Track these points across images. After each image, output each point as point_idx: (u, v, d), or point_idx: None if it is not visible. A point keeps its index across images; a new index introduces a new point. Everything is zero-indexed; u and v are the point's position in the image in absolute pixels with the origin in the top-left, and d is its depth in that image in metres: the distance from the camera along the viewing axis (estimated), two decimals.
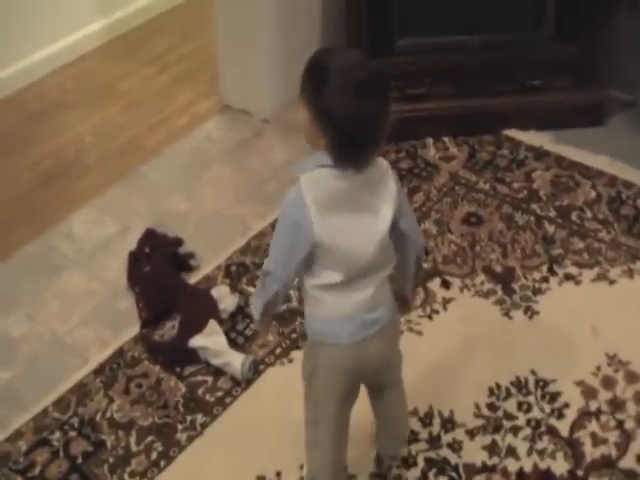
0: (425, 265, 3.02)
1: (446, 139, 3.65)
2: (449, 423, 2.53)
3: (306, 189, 1.76)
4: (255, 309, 1.98)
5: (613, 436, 2.49)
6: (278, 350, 2.75)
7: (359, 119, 1.70)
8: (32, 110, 3.93)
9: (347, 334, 1.93)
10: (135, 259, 3.04)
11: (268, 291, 1.91)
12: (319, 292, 1.90)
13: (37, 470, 2.46)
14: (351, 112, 1.69)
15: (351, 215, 1.82)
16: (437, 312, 2.87)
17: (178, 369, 2.70)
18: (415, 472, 2.42)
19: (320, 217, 1.77)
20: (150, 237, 3.12)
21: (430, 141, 3.64)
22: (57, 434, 2.55)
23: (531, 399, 2.59)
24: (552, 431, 2.51)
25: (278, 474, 2.41)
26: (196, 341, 2.70)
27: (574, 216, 3.24)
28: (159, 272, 2.97)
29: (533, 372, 2.67)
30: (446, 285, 2.96)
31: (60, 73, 4.19)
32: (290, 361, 2.71)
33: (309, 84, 1.75)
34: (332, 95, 1.69)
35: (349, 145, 1.73)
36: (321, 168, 1.78)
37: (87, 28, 4.35)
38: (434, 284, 2.96)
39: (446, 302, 2.90)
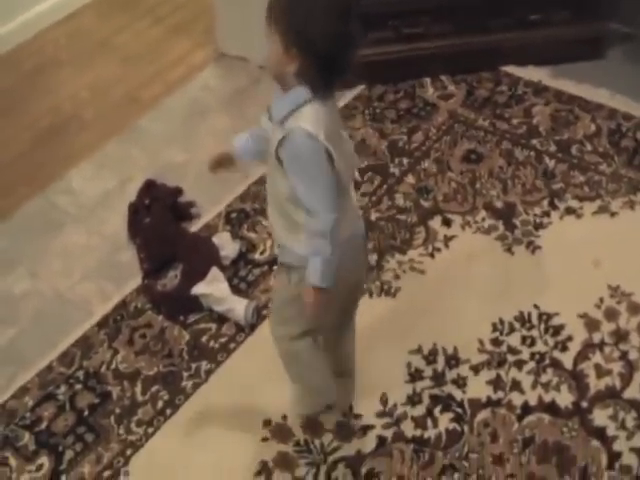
0: (426, 204, 3.01)
1: (444, 78, 3.62)
2: (453, 360, 2.54)
3: (315, 131, 1.74)
4: (330, 275, 1.87)
5: (617, 367, 2.50)
6: None
7: (345, 44, 1.72)
8: (27, 69, 3.90)
9: (360, 243, 2.05)
10: (135, 211, 3.03)
11: (337, 241, 1.84)
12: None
13: (44, 425, 2.49)
14: (327, 34, 1.69)
15: (340, 138, 1.88)
16: (439, 250, 2.86)
17: (181, 318, 2.71)
18: (420, 409, 2.43)
19: (333, 147, 1.78)
20: (150, 188, 3.11)
21: (428, 80, 3.60)
22: (62, 388, 2.57)
23: (534, 333, 2.59)
24: (556, 364, 2.51)
25: (284, 417, 2.43)
26: (198, 289, 2.70)
27: (574, 150, 3.21)
28: (159, 222, 2.96)
29: (536, 306, 2.66)
30: (447, 223, 2.95)
31: (54, 30, 4.15)
32: None
33: (287, 10, 1.72)
34: (307, 19, 1.68)
35: (325, 66, 1.72)
36: (303, 108, 1.76)
37: None
38: (435, 222, 2.95)
39: (448, 240, 2.89)
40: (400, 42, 3.57)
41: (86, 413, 2.50)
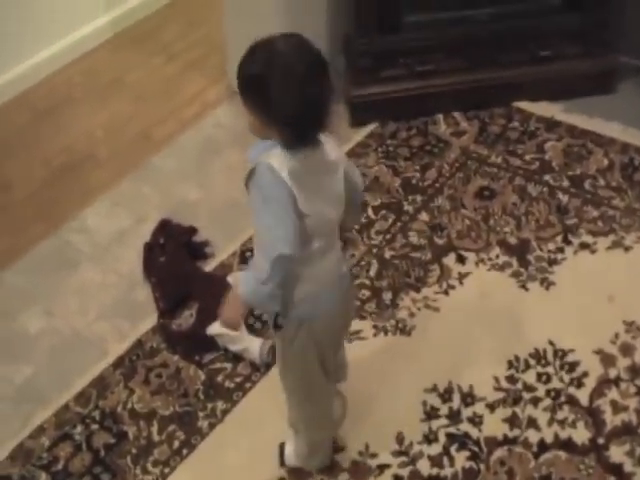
0: (440, 241, 3.02)
1: (456, 114, 3.63)
2: (469, 397, 2.54)
3: (278, 167, 1.75)
4: (255, 295, 1.83)
5: (633, 403, 2.49)
6: None
7: (306, 105, 1.71)
8: (42, 107, 3.94)
9: (333, 298, 1.99)
10: (150, 250, 3.05)
11: (279, 277, 1.79)
12: (299, 267, 1.88)
13: (60, 465, 2.49)
14: (296, 100, 1.70)
15: (320, 181, 1.85)
16: (453, 287, 2.86)
17: (197, 357, 2.71)
18: (436, 448, 2.42)
19: (298, 189, 1.78)
20: (164, 227, 3.13)
21: (440, 117, 3.62)
22: (79, 428, 2.57)
23: (550, 370, 2.59)
24: (572, 400, 2.51)
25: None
26: (214, 328, 2.71)
27: (587, 185, 3.22)
28: (174, 261, 2.98)
29: (551, 343, 2.66)
30: (461, 260, 2.95)
31: (68, 69, 4.19)
32: None
33: (250, 81, 1.75)
34: (276, 88, 1.70)
35: (301, 130, 1.75)
36: (276, 149, 1.78)
37: (93, 23, 4.35)
38: (449, 259, 2.96)
39: (462, 277, 2.90)
40: (412, 79, 3.60)
41: (102, 453, 2.50)
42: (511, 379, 2.57)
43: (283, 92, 1.70)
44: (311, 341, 2.00)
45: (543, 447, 2.40)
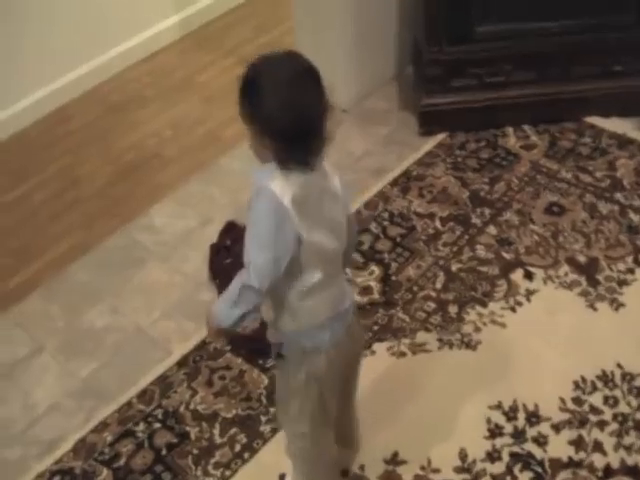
0: (507, 256, 2.98)
1: (526, 127, 3.59)
2: (534, 417, 2.50)
3: (280, 193, 1.72)
4: (228, 317, 1.85)
5: None
6: None
7: (295, 115, 1.69)
8: (112, 104, 3.98)
9: (335, 333, 1.93)
10: (216, 251, 3.05)
11: (247, 303, 1.81)
12: (299, 300, 1.86)
13: (122, 461, 2.51)
14: (286, 110, 1.68)
15: (321, 209, 1.81)
16: (520, 304, 2.83)
17: (260, 361, 2.71)
18: (500, 466, 2.39)
19: (300, 217, 1.74)
20: (231, 229, 3.13)
21: (510, 130, 3.58)
22: (141, 426, 2.59)
23: (617, 393, 2.55)
24: (639, 426, 2.46)
25: (362, 468, 2.41)
26: None
27: None
28: (240, 264, 2.97)
29: (619, 365, 2.62)
30: (529, 276, 2.92)
31: (138, 67, 4.23)
32: (372, 353, 2.71)
33: (244, 97, 1.74)
34: (266, 100, 1.69)
35: (294, 144, 1.71)
36: (278, 173, 1.76)
37: (163, 23, 4.39)
38: (517, 275, 2.92)
39: (529, 294, 2.86)
40: (482, 90, 3.57)
41: (164, 452, 2.51)
42: (577, 400, 2.53)
43: (271, 97, 1.69)
44: (312, 377, 1.95)
45: (609, 472, 2.36)
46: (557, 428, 2.47)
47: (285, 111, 1.69)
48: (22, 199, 3.47)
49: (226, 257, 3.01)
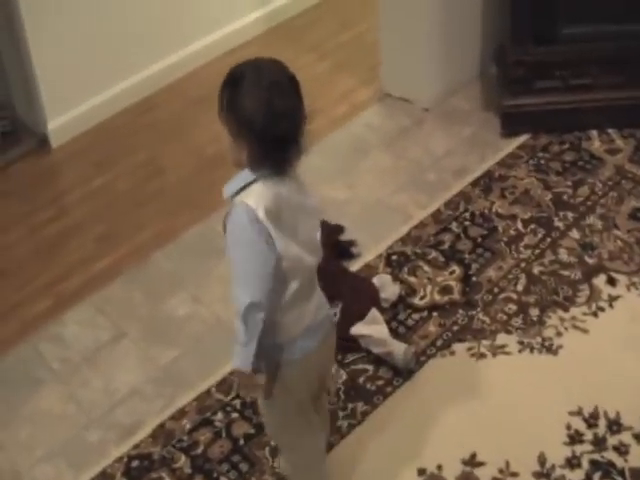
0: (590, 261, 2.95)
1: (611, 131, 3.54)
2: (615, 425, 2.47)
3: (255, 206, 1.76)
4: (247, 357, 1.84)
5: None
6: (439, 342, 2.74)
7: (273, 117, 1.73)
8: (195, 96, 4.02)
9: (314, 342, 1.96)
10: None
11: (255, 324, 1.81)
12: (281, 317, 1.89)
13: (200, 449, 2.54)
14: (264, 111, 1.72)
15: (296, 220, 1.85)
16: (603, 310, 2.79)
17: (339, 356, 2.71)
18: (579, 474, 2.36)
19: (275, 230, 1.78)
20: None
21: (594, 133, 3.53)
22: (220, 415, 2.61)
23: None
24: None
25: (439, 467, 2.40)
26: (358, 329, 2.71)
27: None
28: (328, 263, 2.98)
29: None
30: (612, 282, 2.88)
31: (220, 61, 4.24)
32: (452, 353, 2.70)
33: (224, 98, 1.79)
34: (245, 100, 1.74)
35: (269, 147, 1.75)
36: (252, 184, 1.79)
37: (246, 17, 4.42)
38: (599, 281, 2.88)
39: (612, 300, 2.82)
40: (567, 92, 3.53)
41: (241, 442, 2.53)
42: None
43: (250, 99, 1.73)
44: (305, 380, 2.00)
45: None
46: (638, 438, 2.43)
47: (264, 113, 1.73)
48: (106, 187, 3.53)
49: None
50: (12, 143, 3.73)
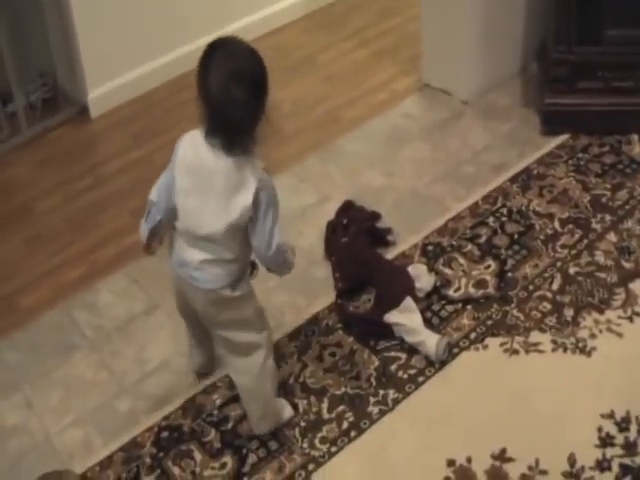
0: (627, 265, 2.93)
1: None
2: None
3: (184, 144, 2.13)
4: (143, 233, 2.29)
5: None
6: (473, 335, 2.74)
7: (225, 99, 1.97)
8: None
9: (179, 274, 2.26)
10: (333, 229, 3.07)
11: (152, 219, 2.25)
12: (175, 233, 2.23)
13: (230, 425, 2.55)
14: (219, 91, 1.97)
15: (200, 189, 2.10)
16: (638, 315, 2.78)
17: (372, 342, 2.72)
18: (609, 477, 2.36)
19: (179, 170, 2.12)
20: (348, 209, 3.15)
21: (635, 137, 3.51)
22: None
23: None
24: None
25: (469, 460, 2.40)
26: (392, 316, 2.71)
27: None
28: (356, 244, 2.99)
29: None
30: None
31: (262, 41, 4.22)
32: (485, 347, 2.69)
33: (198, 64, 2.00)
34: (211, 73, 1.97)
35: (214, 122, 2.02)
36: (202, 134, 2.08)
37: (287, 0, 4.41)
38: (636, 285, 2.87)
39: None
40: (609, 94, 3.50)
41: None
42: None
43: (215, 75, 1.97)
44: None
45: None
46: None
47: (217, 97, 1.98)
48: (143, 159, 3.53)
49: (343, 236, 3.04)
50: (52, 110, 3.75)
